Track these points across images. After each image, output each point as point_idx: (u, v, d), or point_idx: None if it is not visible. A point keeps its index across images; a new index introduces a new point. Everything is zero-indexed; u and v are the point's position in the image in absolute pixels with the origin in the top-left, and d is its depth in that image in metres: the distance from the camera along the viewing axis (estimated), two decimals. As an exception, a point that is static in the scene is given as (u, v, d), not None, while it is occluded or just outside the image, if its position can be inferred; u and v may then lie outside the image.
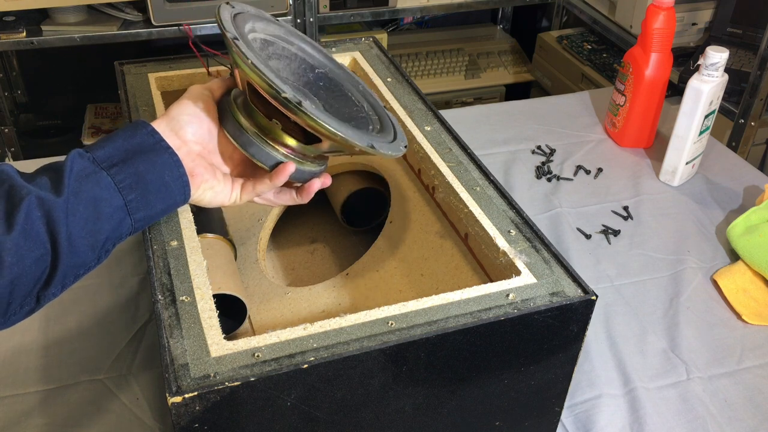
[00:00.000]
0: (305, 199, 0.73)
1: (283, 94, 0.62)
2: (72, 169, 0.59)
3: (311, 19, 1.94)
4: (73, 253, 0.58)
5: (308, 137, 0.70)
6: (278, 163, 0.69)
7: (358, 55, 1.05)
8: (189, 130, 0.66)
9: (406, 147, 0.73)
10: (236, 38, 0.65)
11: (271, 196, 0.74)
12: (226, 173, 0.71)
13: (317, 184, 0.72)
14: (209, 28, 1.85)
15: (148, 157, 0.62)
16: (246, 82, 0.67)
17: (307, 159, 0.71)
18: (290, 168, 0.69)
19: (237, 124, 0.68)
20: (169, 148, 0.64)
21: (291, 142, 0.69)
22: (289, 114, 0.65)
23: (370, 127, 0.73)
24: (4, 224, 0.55)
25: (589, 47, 2.21)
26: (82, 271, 0.61)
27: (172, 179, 0.64)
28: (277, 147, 0.69)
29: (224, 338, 0.59)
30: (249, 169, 0.72)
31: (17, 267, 0.55)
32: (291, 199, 0.74)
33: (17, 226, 0.55)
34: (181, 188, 0.65)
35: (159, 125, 0.65)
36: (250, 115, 0.69)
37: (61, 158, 0.61)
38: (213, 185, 0.68)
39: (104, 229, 0.60)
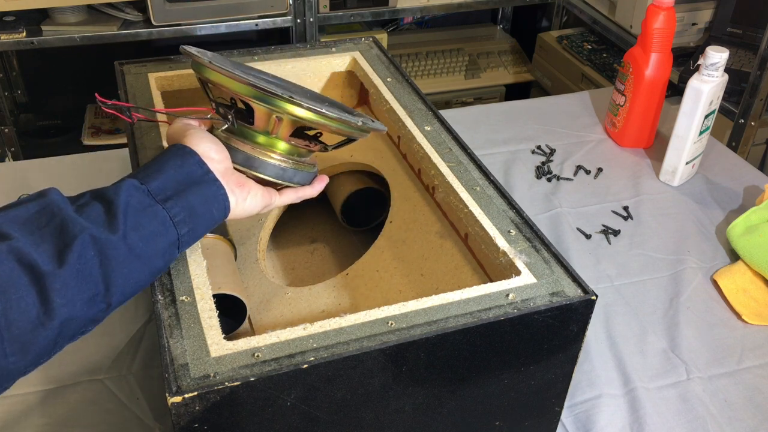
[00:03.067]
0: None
1: (349, 117, 0.70)
2: (129, 203, 0.58)
3: (311, 19, 1.94)
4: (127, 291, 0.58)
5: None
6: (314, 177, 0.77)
7: (358, 55, 1.05)
8: (214, 156, 0.66)
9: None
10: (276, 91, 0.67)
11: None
12: None
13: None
14: (209, 28, 1.85)
15: (198, 189, 0.62)
16: (293, 122, 0.70)
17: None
18: (326, 179, 0.78)
19: (274, 164, 0.71)
20: (216, 180, 0.64)
21: (311, 157, 0.77)
22: (342, 133, 0.72)
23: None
24: (54, 263, 0.53)
25: (589, 47, 2.21)
26: (126, 301, 0.60)
27: (218, 210, 0.65)
28: (310, 164, 0.76)
29: (224, 338, 0.59)
30: None
31: (66, 308, 0.53)
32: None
33: (68, 266, 0.53)
34: (221, 217, 0.66)
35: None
36: (274, 147, 0.72)
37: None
38: (256, 192, 0.69)
39: (159, 267, 0.61)
